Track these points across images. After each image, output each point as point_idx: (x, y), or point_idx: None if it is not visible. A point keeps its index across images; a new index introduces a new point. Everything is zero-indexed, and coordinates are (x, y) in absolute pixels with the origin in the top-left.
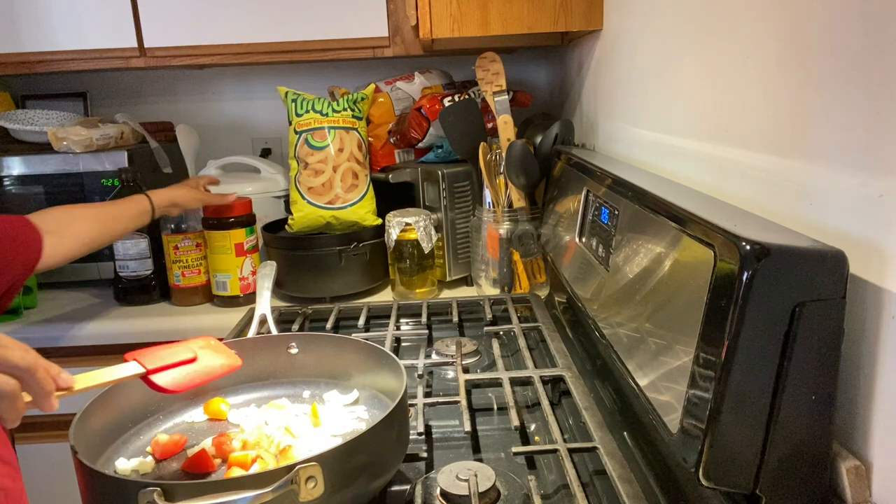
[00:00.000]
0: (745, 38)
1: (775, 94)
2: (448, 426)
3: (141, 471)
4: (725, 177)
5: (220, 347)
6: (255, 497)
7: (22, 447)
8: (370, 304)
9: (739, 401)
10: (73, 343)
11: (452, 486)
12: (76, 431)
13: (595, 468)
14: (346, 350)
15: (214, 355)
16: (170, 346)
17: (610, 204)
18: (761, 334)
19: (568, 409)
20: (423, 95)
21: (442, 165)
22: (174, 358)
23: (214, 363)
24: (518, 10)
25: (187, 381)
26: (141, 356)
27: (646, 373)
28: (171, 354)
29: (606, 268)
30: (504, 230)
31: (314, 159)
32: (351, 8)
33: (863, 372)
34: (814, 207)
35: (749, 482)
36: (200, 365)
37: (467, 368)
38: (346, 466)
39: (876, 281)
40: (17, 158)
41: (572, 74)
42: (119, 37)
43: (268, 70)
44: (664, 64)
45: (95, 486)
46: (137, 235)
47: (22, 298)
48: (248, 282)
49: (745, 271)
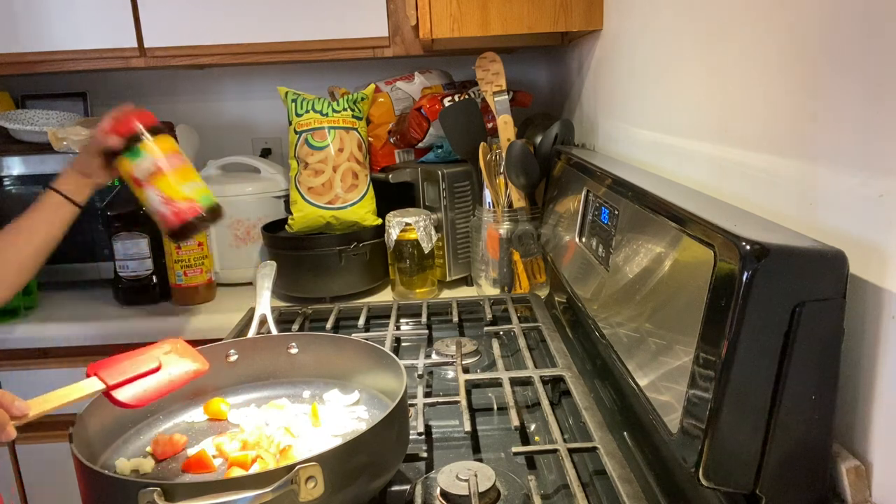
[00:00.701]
0: (745, 38)
1: (775, 94)
2: (448, 426)
3: (141, 471)
4: (725, 177)
5: (186, 350)
6: (255, 497)
7: (22, 447)
8: (370, 304)
9: (739, 401)
10: (73, 343)
11: (452, 486)
12: (76, 431)
13: (595, 468)
14: (346, 350)
15: (180, 361)
16: (134, 356)
17: (610, 204)
18: (761, 334)
19: (568, 409)
20: (423, 95)
21: (442, 165)
22: (137, 370)
23: (179, 371)
24: (518, 10)
25: (150, 394)
26: (103, 370)
27: (646, 373)
28: (134, 366)
29: (606, 268)
30: (504, 230)
31: (314, 159)
32: (351, 8)
33: (863, 372)
34: (814, 207)
35: (749, 482)
36: (164, 375)
37: (467, 368)
38: (346, 466)
39: (876, 281)
40: (17, 158)
41: (572, 74)
42: (119, 37)
43: (268, 70)
44: (664, 64)
45: (95, 486)
46: (137, 235)
47: (22, 298)
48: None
49: (745, 271)
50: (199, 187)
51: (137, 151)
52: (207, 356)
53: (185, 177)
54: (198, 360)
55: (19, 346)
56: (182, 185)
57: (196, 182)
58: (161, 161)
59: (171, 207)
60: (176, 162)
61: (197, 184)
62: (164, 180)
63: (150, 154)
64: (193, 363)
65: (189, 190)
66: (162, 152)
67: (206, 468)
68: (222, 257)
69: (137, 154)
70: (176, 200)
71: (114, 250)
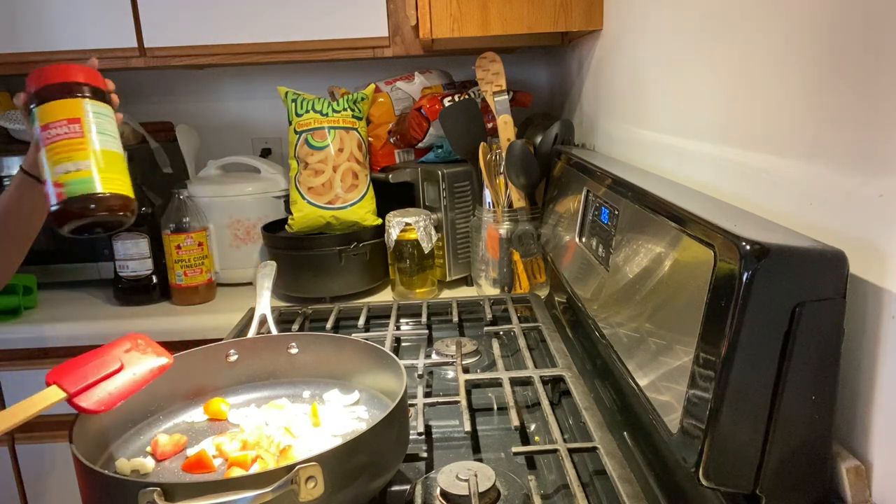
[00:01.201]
0: (745, 38)
1: (775, 94)
2: (448, 426)
3: (141, 471)
4: (725, 177)
5: (148, 346)
6: (255, 497)
7: (22, 447)
8: (370, 304)
9: (739, 401)
10: (73, 343)
11: (452, 486)
12: (76, 431)
13: (595, 468)
14: (346, 350)
15: (142, 358)
16: (94, 358)
17: (610, 204)
18: (761, 334)
19: (568, 409)
20: (423, 95)
21: (442, 165)
22: (98, 373)
23: (143, 369)
24: (518, 10)
25: (115, 397)
26: (63, 378)
27: (646, 373)
28: (95, 369)
29: (606, 268)
30: (504, 230)
31: (314, 159)
32: (351, 8)
33: (863, 372)
34: (814, 207)
35: (749, 482)
36: (128, 375)
37: (467, 368)
38: (346, 466)
39: (876, 281)
40: (17, 158)
41: (572, 74)
42: (119, 37)
43: (268, 70)
44: (664, 64)
45: (95, 486)
46: (137, 235)
47: (22, 298)
48: None
49: (745, 271)
50: (84, 170)
51: (32, 115)
52: (207, 356)
53: (66, 155)
54: (162, 355)
55: (19, 346)
56: (56, 164)
57: (84, 162)
58: (38, 131)
59: (47, 188)
60: (61, 134)
61: (83, 164)
62: (44, 154)
63: (37, 120)
64: (157, 358)
65: (60, 172)
66: (48, 119)
67: (206, 468)
68: (222, 257)
69: (33, 119)
70: (48, 181)
71: (114, 250)
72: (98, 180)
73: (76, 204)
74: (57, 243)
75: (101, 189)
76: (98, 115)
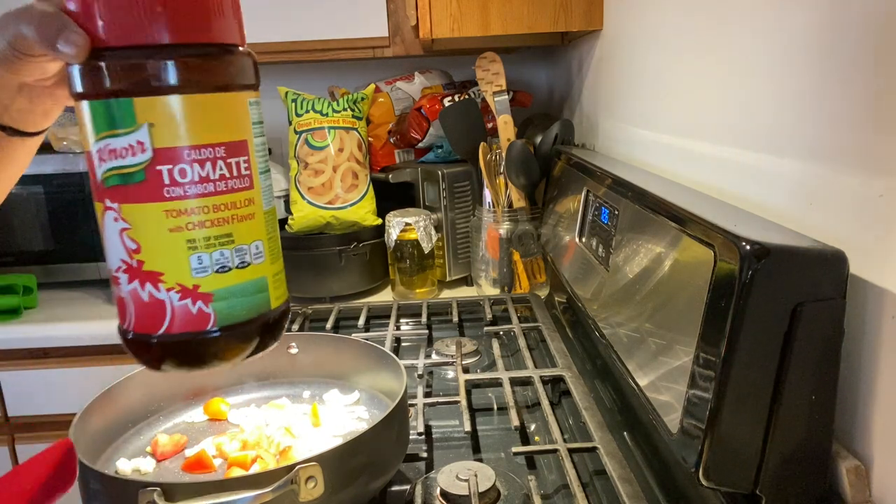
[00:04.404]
0: (745, 38)
1: (776, 94)
2: (448, 426)
3: (141, 471)
4: (725, 177)
5: None
6: (255, 497)
7: (22, 447)
8: (370, 304)
9: (739, 401)
10: (73, 343)
11: (452, 486)
12: (76, 431)
13: (595, 468)
14: (346, 350)
15: None
16: None
17: (610, 204)
18: (761, 334)
19: (568, 409)
20: (423, 95)
21: (442, 165)
22: None
23: None
24: (518, 10)
25: None
26: None
27: (646, 373)
28: None
29: (606, 268)
30: (504, 230)
31: (314, 159)
32: (351, 8)
33: (863, 372)
34: (814, 207)
35: (749, 482)
36: None
37: (467, 368)
38: (346, 466)
39: (876, 281)
40: None
41: (572, 74)
42: None
43: (267, 70)
44: (664, 64)
45: (95, 486)
46: None
47: (22, 298)
48: None
49: (745, 271)
50: (259, 264)
51: (112, 111)
52: None
53: (223, 230)
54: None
55: (19, 346)
56: (198, 248)
57: (257, 245)
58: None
59: (139, 287)
60: (213, 180)
61: (255, 252)
62: (143, 212)
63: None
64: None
65: (207, 266)
66: (189, 139)
67: (206, 468)
68: None
69: (109, 117)
70: (153, 274)
71: None
72: (271, 284)
73: (239, 332)
74: (57, 243)
75: (272, 303)
76: (259, 135)
